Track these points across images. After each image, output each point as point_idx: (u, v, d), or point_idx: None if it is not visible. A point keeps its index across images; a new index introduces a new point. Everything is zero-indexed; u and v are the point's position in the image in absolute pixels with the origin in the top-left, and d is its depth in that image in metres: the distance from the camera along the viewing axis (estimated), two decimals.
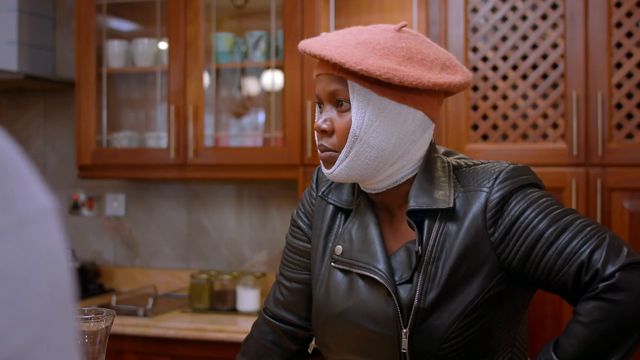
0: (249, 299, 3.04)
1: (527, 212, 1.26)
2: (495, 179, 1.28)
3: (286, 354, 1.53)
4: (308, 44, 1.31)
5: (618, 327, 1.20)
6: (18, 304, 0.46)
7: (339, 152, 1.30)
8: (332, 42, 1.28)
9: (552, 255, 1.24)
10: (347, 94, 1.28)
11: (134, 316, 2.94)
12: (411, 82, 1.24)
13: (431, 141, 1.37)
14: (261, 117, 3.29)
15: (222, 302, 3.07)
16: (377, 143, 1.28)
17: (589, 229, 1.24)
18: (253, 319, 1.69)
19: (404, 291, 1.29)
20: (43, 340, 0.47)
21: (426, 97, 1.31)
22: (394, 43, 1.27)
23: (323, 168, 1.34)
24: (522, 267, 1.26)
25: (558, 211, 1.26)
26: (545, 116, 2.61)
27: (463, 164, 1.35)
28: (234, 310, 3.05)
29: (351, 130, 1.27)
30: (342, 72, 1.27)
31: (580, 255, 1.22)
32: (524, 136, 2.63)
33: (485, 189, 1.28)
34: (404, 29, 1.32)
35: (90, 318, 1.23)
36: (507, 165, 1.31)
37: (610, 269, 1.20)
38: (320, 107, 1.35)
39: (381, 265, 1.30)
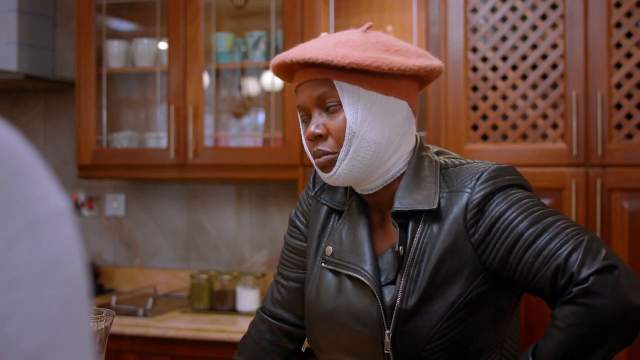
0: (248, 299, 3.04)
1: (508, 213, 1.25)
2: (478, 179, 1.27)
3: (283, 353, 1.54)
4: (286, 54, 1.30)
5: (594, 331, 1.18)
6: (33, 306, 0.46)
7: (338, 152, 1.29)
8: (310, 47, 1.29)
9: (529, 257, 1.22)
10: (335, 94, 1.28)
11: (133, 316, 2.94)
12: (399, 68, 1.26)
13: (418, 138, 1.37)
14: (261, 117, 3.29)
15: (221, 302, 3.07)
16: (373, 137, 1.28)
17: (568, 230, 1.22)
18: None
19: (387, 292, 1.29)
20: (58, 342, 0.47)
21: (407, 85, 1.32)
22: (367, 40, 1.29)
23: (322, 173, 1.33)
24: (502, 268, 1.25)
25: (539, 212, 1.25)
26: (545, 116, 2.61)
27: (451, 163, 1.34)
28: (233, 311, 3.05)
29: (347, 127, 1.27)
30: (327, 74, 1.28)
31: (558, 257, 1.20)
32: (524, 136, 2.63)
33: (467, 190, 1.27)
34: (369, 30, 1.34)
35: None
36: (491, 165, 1.30)
37: (585, 273, 1.18)
38: (304, 118, 1.34)
39: (367, 267, 1.31)
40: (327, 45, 1.27)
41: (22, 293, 0.46)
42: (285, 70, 1.36)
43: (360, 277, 1.30)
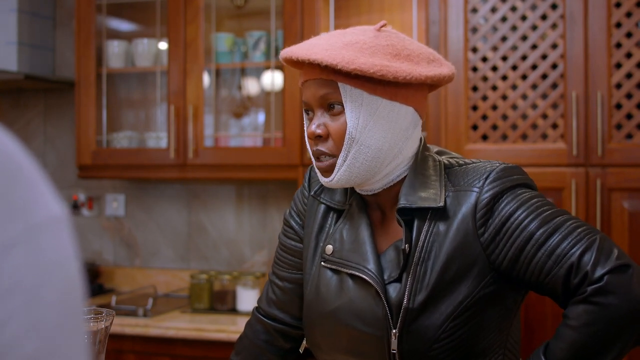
0: (248, 299, 3.04)
1: (518, 213, 1.25)
2: (486, 178, 1.27)
3: (279, 352, 1.53)
4: (293, 51, 1.29)
5: (607, 330, 1.19)
6: (30, 313, 0.46)
7: (337, 156, 1.28)
8: (318, 46, 1.27)
9: (541, 256, 1.23)
10: (338, 96, 1.27)
11: (133, 316, 2.94)
12: (405, 77, 1.24)
13: (422, 139, 1.36)
14: (261, 117, 3.30)
15: (221, 302, 3.07)
16: (373, 143, 1.27)
17: (579, 230, 1.23)
18: None
19: (393, 291, 1.28)
20: (54, 349, 0.47)
21: (414, 92, 1.30)
22: (378, 42, 1.27)
23: (322, 178, 1.32)
24: (512, 268, 1.26)
25: (549, 212, 1.25)
26: (545, 116, 2.61)
27: (455, 162, 1.34)
28: (233, 311, 3.05)
29: (347, 132, 1.27)
30: (332, 75, 1.26)
31: (570, 257, 1.21)
32: (524, 136, 2.63)
33: (475, 189, 1.27)
34: (383, 28, 1.31)
35: (90, 318, 1.23)
36: (498, 164, 1.30)
37: (599, 272, 1.19)
38: (308, 113, 1.33)
39: (371, 266, 1.30)
40: (334, 46, 1.25)
41: (20, 299, 0.46)
42: (294, 62, 1.35)
43: (363, 276, 1.30)
